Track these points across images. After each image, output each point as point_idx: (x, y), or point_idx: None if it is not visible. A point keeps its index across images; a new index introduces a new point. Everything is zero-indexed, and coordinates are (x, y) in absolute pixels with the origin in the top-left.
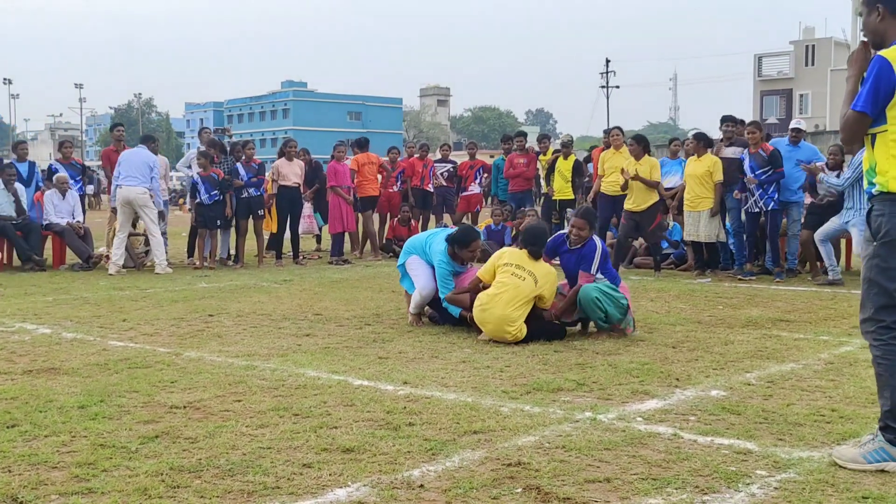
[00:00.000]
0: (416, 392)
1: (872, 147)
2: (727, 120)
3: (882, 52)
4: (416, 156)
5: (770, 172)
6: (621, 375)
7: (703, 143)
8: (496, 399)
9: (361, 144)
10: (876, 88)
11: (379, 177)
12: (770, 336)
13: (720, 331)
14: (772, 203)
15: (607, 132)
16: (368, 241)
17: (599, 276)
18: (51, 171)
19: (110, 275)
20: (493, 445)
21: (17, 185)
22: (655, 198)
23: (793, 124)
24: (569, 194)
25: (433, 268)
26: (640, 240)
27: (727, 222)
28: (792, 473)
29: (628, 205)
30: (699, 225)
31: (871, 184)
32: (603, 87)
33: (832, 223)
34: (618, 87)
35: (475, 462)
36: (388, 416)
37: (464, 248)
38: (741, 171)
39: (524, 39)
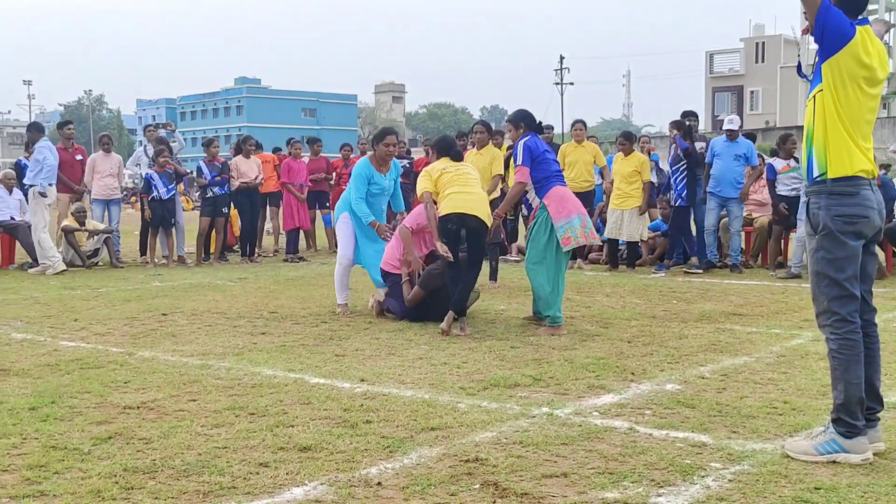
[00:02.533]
0: (373, 389)
1: (814, 113)
2: (689, 115)
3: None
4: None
5: (683, 167)
6: (577, 370)
7: (630, 141)
8: (453, 395)
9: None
10: (833, 21)
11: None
12: (723, 330)
13: (674, 325)
14: (679, 200)
15: (546, 128)
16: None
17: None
18: (18, 168)
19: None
20: (451, 442)
21: None
22: (495, 195)
23: (725, 125)
24: None
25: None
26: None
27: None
28: (746, 465)
29: None
30: (622, 223)
31: (810, 163)
32: (557, 83)
33: None
34: (572, 83)
35: (433, 459)
36: (345, 414)
37: (379, 142)
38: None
39: (479, 36)
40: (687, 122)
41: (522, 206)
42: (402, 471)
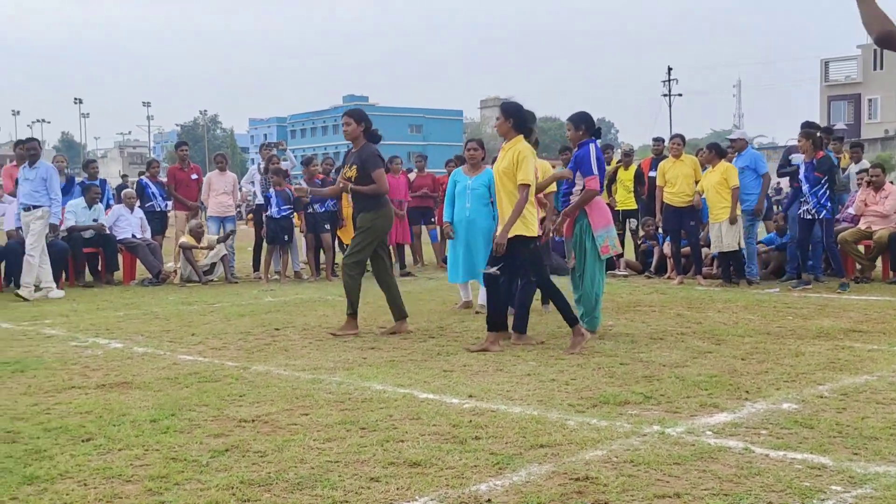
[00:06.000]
0: (482, 405)
1: None
2: (806, 126)
3: None
4: None
5: (825, 179)
6: (689, 388)
7: (715, 152)
8: (562, 412)
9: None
10: None
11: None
12: (842, 347)
13: (790, 342)
14: (823, 211)
15: (656, 140)
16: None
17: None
18: (141, 187)
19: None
20: (561, 459)
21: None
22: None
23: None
24: (631, 204)
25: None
26: (706, 249)
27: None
28: (868, 489)
29: None
30: (721, 235)
31: None
32: (665, 95)
33: None
34: (680, 94)
35: (542, 476)
36: (454, 430)
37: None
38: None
39: (584, 48)
40: (818, 134)
41: (630, 219)
42: (511, 488)
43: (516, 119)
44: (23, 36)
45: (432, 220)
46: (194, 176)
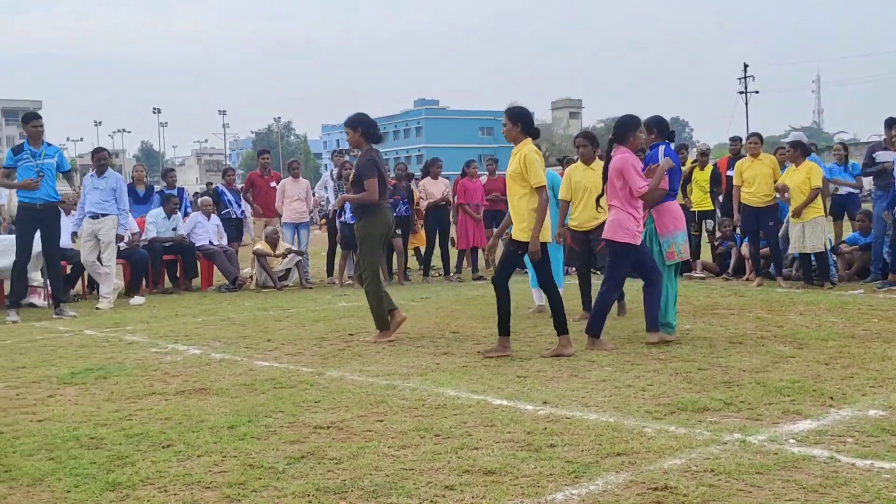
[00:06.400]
0: (557, 412)
1: None
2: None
3: None
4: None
5: None
6: (771, 394)
7: (800, 150)
8: (639, 419)
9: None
10: None
11: None
12: None
13: (877, 346)
14: None
15: (733, 140)
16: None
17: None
18: (217, 194)
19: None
20: (638, 468)
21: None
22: (604, 216)
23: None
24: (707, 205)
25: None
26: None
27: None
28: None
29: (572, 223)
30: (804, 236)
31: None
32: (741, 92)
33: None
34: (757, 91)
35: (620, 486)
36: (529, 437)
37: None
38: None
39: (657, 46)
40: None
41: (706, 220)
42: (588, 497)
43: (524, 122)
44: (104, 49)
45: None
46: (273, 184)
